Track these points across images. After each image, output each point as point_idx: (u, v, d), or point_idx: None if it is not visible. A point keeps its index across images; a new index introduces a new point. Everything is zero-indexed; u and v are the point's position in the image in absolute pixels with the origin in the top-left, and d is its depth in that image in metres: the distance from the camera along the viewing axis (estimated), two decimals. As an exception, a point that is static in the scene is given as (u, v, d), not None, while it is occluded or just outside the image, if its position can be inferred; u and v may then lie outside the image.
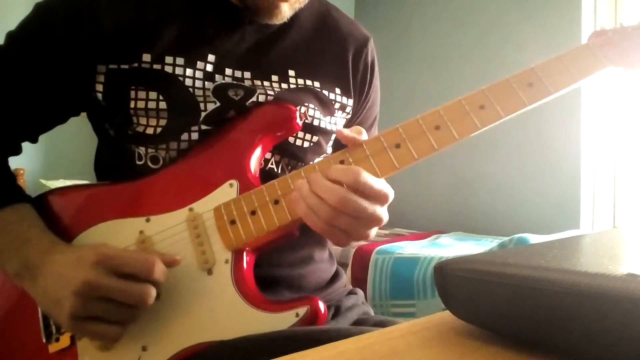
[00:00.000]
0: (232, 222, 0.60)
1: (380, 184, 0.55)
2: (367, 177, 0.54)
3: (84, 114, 0.72)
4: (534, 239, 1.73)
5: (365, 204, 0.54)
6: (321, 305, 0.58)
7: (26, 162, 2.07)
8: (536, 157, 2.38)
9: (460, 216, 2.62)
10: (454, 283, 0.37)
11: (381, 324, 0.69)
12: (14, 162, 0.69)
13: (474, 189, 2.59)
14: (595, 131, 2.30)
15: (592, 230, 2.25)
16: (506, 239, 1.85)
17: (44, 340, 0.61)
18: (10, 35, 0.67)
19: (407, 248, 2.00)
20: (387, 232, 2.49)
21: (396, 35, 2.92)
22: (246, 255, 0.60)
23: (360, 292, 0.81)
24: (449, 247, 2.10)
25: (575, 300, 0.29)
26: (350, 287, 0.80)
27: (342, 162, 0.59)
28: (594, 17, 2.30)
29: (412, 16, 2.91)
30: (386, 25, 2.97)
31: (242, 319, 0.58)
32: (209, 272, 0.59)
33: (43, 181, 2.02)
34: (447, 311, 0.39)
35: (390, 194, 0.55)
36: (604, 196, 2.32)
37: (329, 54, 0.74)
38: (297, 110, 0.65)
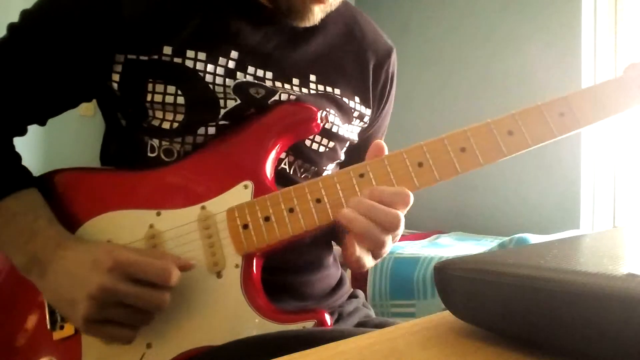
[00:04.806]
0: (245, 226, 0.59)
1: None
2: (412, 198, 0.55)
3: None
4: (534, 239, 1.73)
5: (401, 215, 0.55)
6: (327, 319, 0.59)
7: (26, 161, 2.06)
8: (536, 157, 2.37)
9: (460, 216, 2.62)
10: (454, 283, 0.37)
11: (381, 326, 0.68)
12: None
13: (474, 189, 2.59)
14: (596, 131, 2.30)
15: (592, 230, 2.25)
16: (506, 239, 1.85)
17: (49, 327, 0.60)
18: (25, 14, 0.64)
19: (407, 248, 2.00)
20: (387, 232, 2.48)
21: (395, 36, 2.90)
22: (256, 260, 0.60)
23: (361, 293, 0.80)
24: (449, 247, 2.10)
25: (575, 300, 0.29)
26: (351, 289, 0.79)
27: (362, 175, 0.58)
28: (594, 18, 2.30)
29: (412, 17, 2.91)
30: (385, 26, 2.96)
31: (248, 326, 0.57)
32: (218, 275, 0.59)
33: (43, 181, 2.01)
34: (447, 311, 0.39)
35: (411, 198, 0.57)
36: (604, 196, 2.32)
37: (352, 62, 0.74)
38: (318, 111, 0.64)
